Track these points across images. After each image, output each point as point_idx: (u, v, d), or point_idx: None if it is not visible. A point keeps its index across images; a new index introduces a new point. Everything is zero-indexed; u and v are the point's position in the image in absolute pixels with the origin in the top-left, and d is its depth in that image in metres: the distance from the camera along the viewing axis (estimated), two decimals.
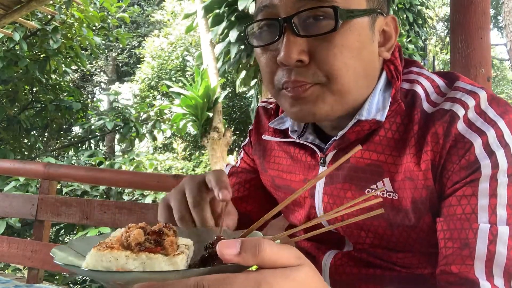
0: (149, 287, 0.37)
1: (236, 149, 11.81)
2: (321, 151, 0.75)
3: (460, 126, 0.64)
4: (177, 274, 0.38)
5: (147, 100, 12.63)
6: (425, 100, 0.69)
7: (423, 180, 0.66)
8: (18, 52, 6.38)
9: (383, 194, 0.69)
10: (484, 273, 0.58)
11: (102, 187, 5.82)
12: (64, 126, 8.73)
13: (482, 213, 0.60)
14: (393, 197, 0.68)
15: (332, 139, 0.73)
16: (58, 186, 5.44)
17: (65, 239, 6.50)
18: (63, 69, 6.97)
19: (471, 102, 0.65)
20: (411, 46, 9.11)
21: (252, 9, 6.26)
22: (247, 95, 11.39)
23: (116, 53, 14.62)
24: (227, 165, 0.97)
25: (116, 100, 8.27)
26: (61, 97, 7.36)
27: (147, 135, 8.50)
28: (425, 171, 0.66)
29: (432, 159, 0.65)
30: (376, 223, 0.71)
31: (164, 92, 10.80)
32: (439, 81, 0.72)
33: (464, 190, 0.62)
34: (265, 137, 0.84)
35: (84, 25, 6.71)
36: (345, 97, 0.66)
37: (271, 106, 0.92)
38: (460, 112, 0.64)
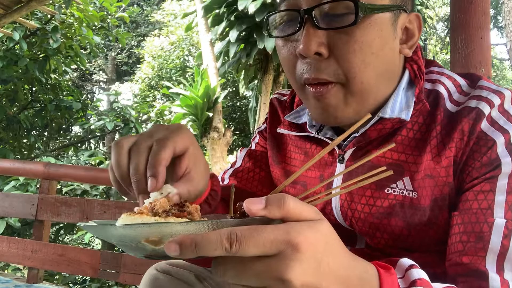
0: (184, 240, 0.38)
1: (236, 149, 11.81)
2: (338, 147, 0.74)
3: (483, 124, 0.64)
4: (210, 225, 0.40)
5: (148, 100, 12.64)
6: (448, 100, 0.69)
7: (445, 176, 0.66)
8: (17, 52, 6.38)
9: (402, 193, 0.69)
10: (495, 266, 0.58)
11: (102, 187, 5.82)
12: (64, 126, 8.73)
13: (498, 209, 0.60)
14: (413, 196, 0.68)
15: (352, 136, 0.72)
16: (58, 186, 5.44)
17: (65, 239, 6.50)
18: (63, 68, 6.96)
19: (496, 101, 0.65)
20: None
21: (251, 9, 6.26)
22: (247, 95, 11.39)
23: (116, 53, 14.62)
24: (242, 149, 0.95)
25: (116, 100, 8.27)
26: (61, 96, 7.35)
27: None
28: (447, 167, 0.66)
29: (454, 155, 0.65)
30: (393, 223, 0.70)
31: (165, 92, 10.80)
32: (461, 81, 0.71)
33: (482, 185, 0.62)
34: (281, 130, 0.82)
35: (84, 24, 6.71)
36: (366, 96, 0.66)
37: (285, 98, 0.90)
38: (486, 110, 0.64)
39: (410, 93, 0.70)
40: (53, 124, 7.67)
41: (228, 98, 11.56)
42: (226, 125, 9.24)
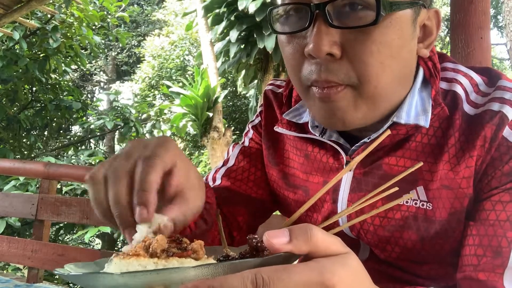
0: (199, 286, 0.32)
1: None
2: (345, 151, 0.68)
3: (506, 130, 0.59)
4: (228, 267, 0.34)
5: (148, 99, 12.66)
6: (465, 101, 0.63)
7: (466, 188, 0.61)
8: (18, 51, 6.38)
9: (415, 204, 0.63)
10: None
11: None
12: (64, 126, 8.73)
13: None
14: (427, 207, 0.63)
15: (362, 141, 0.65)
16: (58, 186, 5.44)
17: (65, 238, 6.50)
18: (63, 68, 6.96)
19: None
20: None
21: (252, 9, 6.26)
22: (247, 95, 11.39)
23: (116, 53, 14.63)
24: (234, 145, 0.86)
25: (116, 99, 8.27)
26: (61, 96, 7.36)
27: (147, 135, 8.50)
28: (468, 178, 0.60)
29: (475, 163, 0.60)
30: (406, 236, 0.65)
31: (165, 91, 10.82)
32: (477, 78, 0.66)
33: (501, 195, 0.58)
34: (279, 129, 0.74)
35: (84, 24, 6.71)
36: (378, 102, 0.59)
37: (280, 90, 0.82)
38: (510, 114, 0.59)
39: (425, 94, 0.64)
40: (53, 124, 7.67)
41: (228, 98, 11.57)
42: (226, 125, 9.24)
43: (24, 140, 7.56)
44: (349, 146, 0.68)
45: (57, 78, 7.49)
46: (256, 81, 8.12)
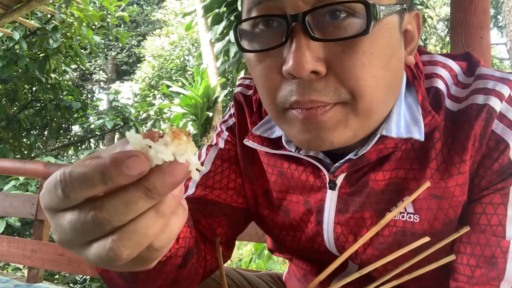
0: None
1: None
2: (325, 168, 0.61)
3: (494, 123, 0.54)
4: None
5: (147, 99, 12.67)
6: (446, 96, 0.57)
7: (460, 195, 0.55)
8: (17, 51, 6.38)
9: (402, 217, 0.58)
10: None
11: None
12: (64, 126, 8.73)
13: (511, 226, 0.52)
14: (414, 220, 0.57)
15: (347, 158, 0.58)
16: None
17: None
18: (63, 68, 6.96)
19: (506, 91, 0.54)
20: None
21: None
22: None
23: (116, 52, 14.64)
24: (209, 147, 0.74)
25: (116, 99, 8.27)
26: (61, 96, 7.35)
27: None
28: (462, 185, 0.55)
29: (469, 166, 0.55)
30: (402, 257, 0.58)
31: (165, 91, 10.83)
32: (456, 68, 0.60)
33: (492, 197, 0.53)
34: (249, 143, 0.65)
35: (84, 24, 6.70)
36: (371, 117, 0.52)
37: (250, 93, 0.72)
38: (497, 106, 0.54)
39: (411, 99, 0.58)
40: (53, 124, 7.67)
41: (228, 97, 11.57)
42: None
43: (24, 140, 7.56)
44: (330, 161, 0.60)
45: (57, 78, 7.49)
46: None
